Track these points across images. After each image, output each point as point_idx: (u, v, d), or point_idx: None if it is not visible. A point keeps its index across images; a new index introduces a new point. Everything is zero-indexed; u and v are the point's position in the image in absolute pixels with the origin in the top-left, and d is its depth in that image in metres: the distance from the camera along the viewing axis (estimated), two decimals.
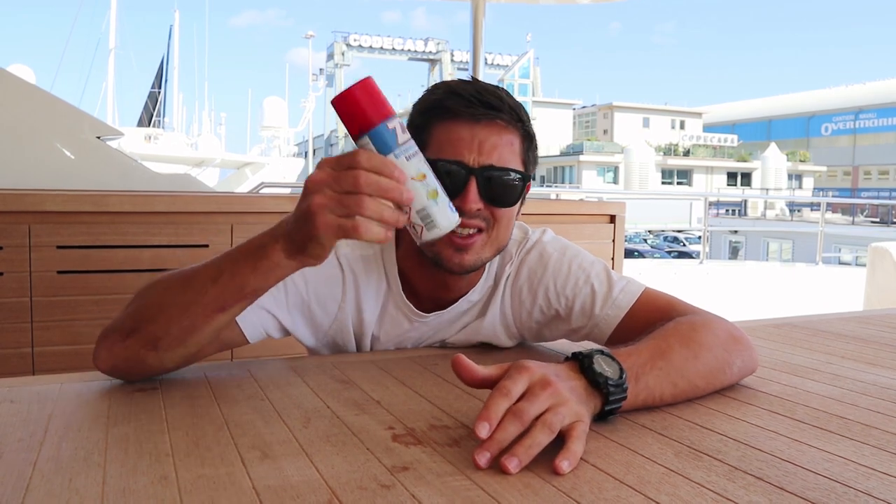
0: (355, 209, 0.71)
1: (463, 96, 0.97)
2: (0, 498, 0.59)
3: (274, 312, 1.01)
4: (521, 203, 1.05)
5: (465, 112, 0.97)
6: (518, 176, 1.00)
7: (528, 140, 1.03)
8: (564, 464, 0.66)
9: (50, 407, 0.83)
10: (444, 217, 0.78)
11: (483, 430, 0.67)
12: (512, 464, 0.65)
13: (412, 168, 0.76)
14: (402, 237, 1.08)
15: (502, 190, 0.99)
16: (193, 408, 0.84)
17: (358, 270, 1.07)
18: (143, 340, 0.88)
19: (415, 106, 1.04)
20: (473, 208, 0.97)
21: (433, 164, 0.89)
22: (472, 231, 0.99)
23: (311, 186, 0.73)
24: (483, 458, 0.66)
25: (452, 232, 0.95)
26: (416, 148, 0.77)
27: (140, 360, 0.89)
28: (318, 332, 1.08)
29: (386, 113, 0.75)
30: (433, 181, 0.78)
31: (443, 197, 0.78)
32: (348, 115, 0.75)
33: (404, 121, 0.79)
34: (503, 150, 0.98)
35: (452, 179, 0.96)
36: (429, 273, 1.06)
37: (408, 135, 0.77)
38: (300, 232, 0.75)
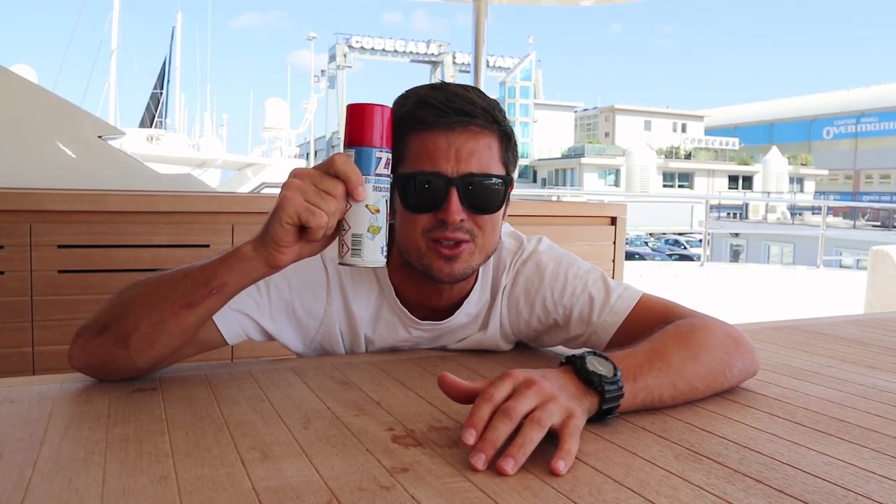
0: (315, 200, 0.78)
1: (434, 106, 0.96)
2: (0, 497, 0.59)
3: (255, 317, 1.00)
4: (507, 204, 1.03)
5: (438, 122, 0.95)
6: (499, 180, 0.98)
7: (506, 140, 1.01)
8: (560, 464, 0.66)
9: (50, 406, 0.83)
10: (372, 254, 0.82)
11: (470, 437, 0.67)
12: (508, 465, 0.65)
13: (372, 197, 0.81)
14: (390, 248, 1.08)
15: (485, 197, 0.97)
16: (193, 408, 0.84)
17: (345, 273, 1.06)
18: (114, 337, 0.88)
19: None
20: (457, 219, 0.95)
21: (412, 177, 0.95)
22: (459, 237, 0.98)
23: (291, 174, 0.80)
24: (479, 461, 0.66)
25: (439, 242, 0.95)
26: (388, 187, 0.83)
27: (112, 358, 0.89)
28: (306, 336, 1.07)
29: (383, 143, 0.82)
30: (382, 221, 0.82)
31: (381, 239, 0.82)
32: (355, 125, 0.81)
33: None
34: (481, 156, 0.96)
35: (433, 191, 0.95)
36: (419, 283, 1.05)
37: (388, 171, 0.82)
38: (270, 217, 0.80)
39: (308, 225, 0.78)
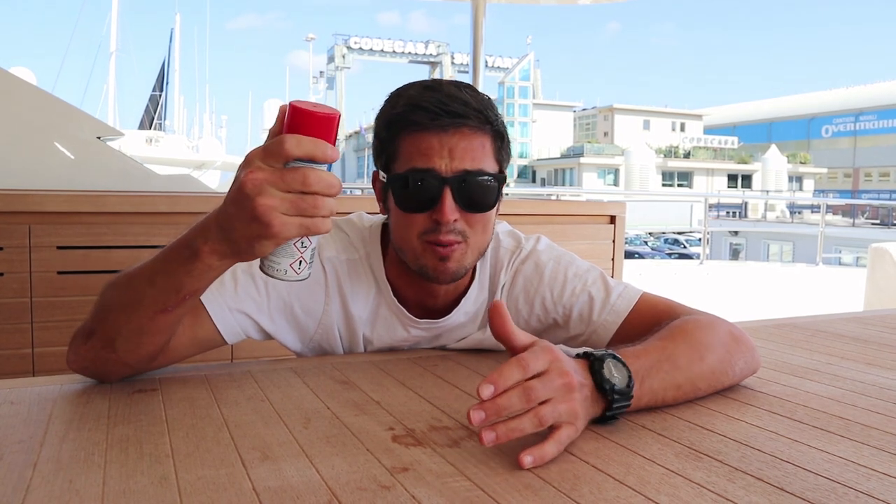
0: (312, 210, 0.69)
1: (427, 109, 0.95)
2: (1, 499, 0.59)
3: (254, 317, 1.00)
4: (499, 202, 1.03)
5: (431, 124, 0.95)
6: (492, 178, 0.98)
7: (500, 139, 1.01)
8: (527, 458, 0.66)
9: (50, 408, 0.83)
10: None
11: (486, 391, 0.65)
12: (488, 436, 0.65)
13: None
14: (388, 247, 1.08)
15: (478, 194, 0.97)
16: (193, 409, 0.84)
17: (342, 273, 1.06)
18: (100, 342, 0.88)
19: (378, 119, 1.03)
20: (450, 219, 0.95)
21: (406, 176, 0.95)
22: (451, 240, 0.97)
23: (251, 188, 0.67)
24: (477, 417, 0.65)
25: (433, 243, 0.97)
26: None
27: (103, 360, 0.89)
28: (304, 336, 1.07)
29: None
30: None
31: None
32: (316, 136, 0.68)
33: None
34: (475, 154, 0.97)
35: (427, 190, 0.95)
36: (414, 281, 1.06)
37: None
38: (245, 232, 0.70)
39: (315, 233, 0.71)
